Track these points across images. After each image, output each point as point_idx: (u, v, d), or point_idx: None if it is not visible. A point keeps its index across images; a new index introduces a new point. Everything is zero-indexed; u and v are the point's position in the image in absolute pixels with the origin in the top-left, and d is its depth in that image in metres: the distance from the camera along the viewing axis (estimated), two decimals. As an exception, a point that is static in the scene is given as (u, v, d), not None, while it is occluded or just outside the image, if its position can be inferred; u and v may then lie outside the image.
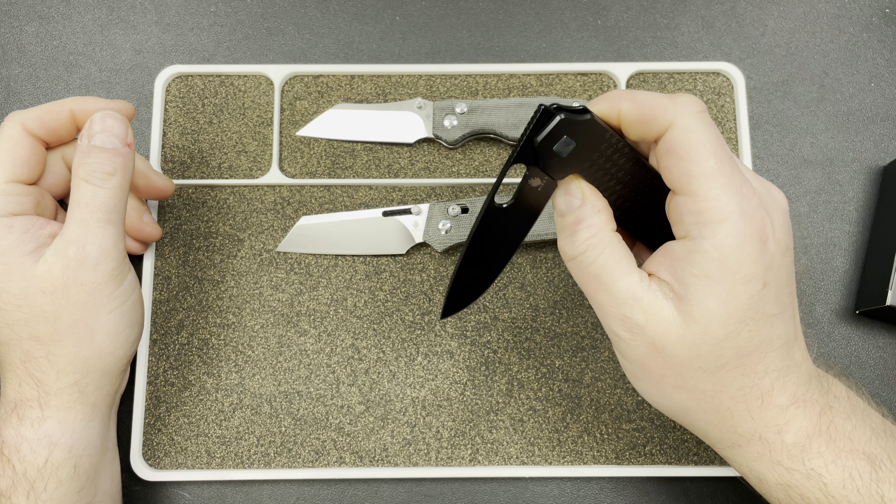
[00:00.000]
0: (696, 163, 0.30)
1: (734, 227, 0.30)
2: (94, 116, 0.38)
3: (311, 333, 0.47)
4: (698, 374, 0.32)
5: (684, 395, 0.33)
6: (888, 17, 0.53)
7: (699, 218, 0.30)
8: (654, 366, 0.33)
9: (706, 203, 0.30)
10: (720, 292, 0.30)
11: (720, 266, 0.30)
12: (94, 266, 0.37)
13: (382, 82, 0.51)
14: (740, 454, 0.35)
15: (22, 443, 0.37)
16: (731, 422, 0.33)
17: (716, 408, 0.33)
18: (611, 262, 0.32)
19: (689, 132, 0.30)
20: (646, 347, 0.32)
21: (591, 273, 0.32)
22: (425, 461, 0.45)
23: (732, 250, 0.30)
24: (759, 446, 0.34)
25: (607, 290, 0.32)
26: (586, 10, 0.53)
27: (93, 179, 0.37)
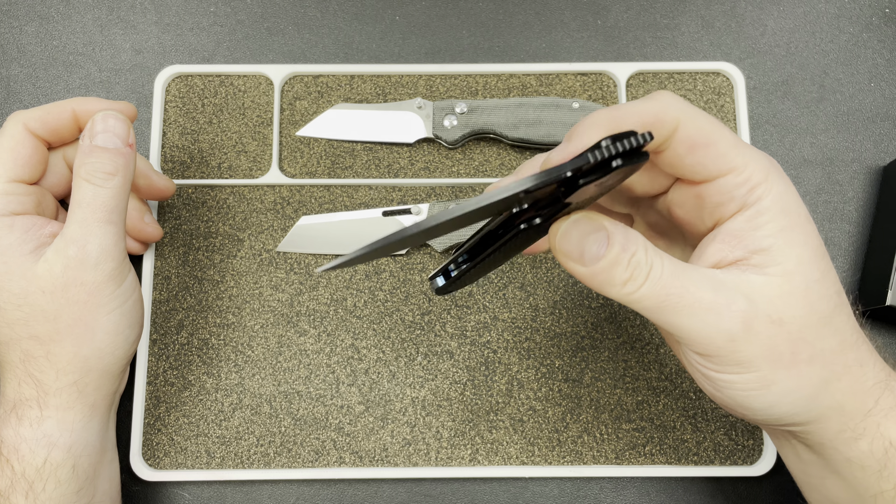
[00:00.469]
0: (720, 142, 0.30)
1: (778, 176, 0.30)
2: (95, 116, 0.38)
3: (310, 333, 0.47)
4: (821, 330, 0.30)
5: (818, 367, 0.30)
6: (888, 17, 0.53)
7: (749, 184, 0.30)
8: (783, 346, 0.30)
9: (748, 169, 0.30)
10: (799, 237, 0.30)
11: (787, 214, 0.30)
12: (95, 266, 0.37)
13: (382, 82, 0.51)
14: (871, 422, 0.31)
15: (21, 443, 0.37)
16: (863, 377, 0.31)
17: (846, 366, 0.31)
18: (678, 265, 0.30)
19: (695, 121, 0.30)
20: (767, 329, 0.29)
21: (667, 281, 0.29)
22: (425, 461, 0.45)
23: (788, 196, 0.30)
24: (888, 397, 0.31)
25: (696, 290, 0.29)
26: (586, 10, 0.53)
27: (94, 179, 0.37)
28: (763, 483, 0.46)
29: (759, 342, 0.29)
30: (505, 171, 0.49)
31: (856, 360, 0.31)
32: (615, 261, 0.29)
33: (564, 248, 0.30)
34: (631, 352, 0.47)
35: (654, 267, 0.29)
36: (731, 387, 0.31)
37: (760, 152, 0.31)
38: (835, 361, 0.31)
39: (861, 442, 0.31)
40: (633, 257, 0.29)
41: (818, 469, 0.34)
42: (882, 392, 0.31)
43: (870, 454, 0.31)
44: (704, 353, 0.30)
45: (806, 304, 0.30)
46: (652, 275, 0.29)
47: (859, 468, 0.32)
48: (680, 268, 0.29)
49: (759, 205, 0.30)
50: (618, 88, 0.50)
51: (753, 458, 0.45)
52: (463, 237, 0.47)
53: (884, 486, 0.32)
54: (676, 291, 0.29)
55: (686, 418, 0.46)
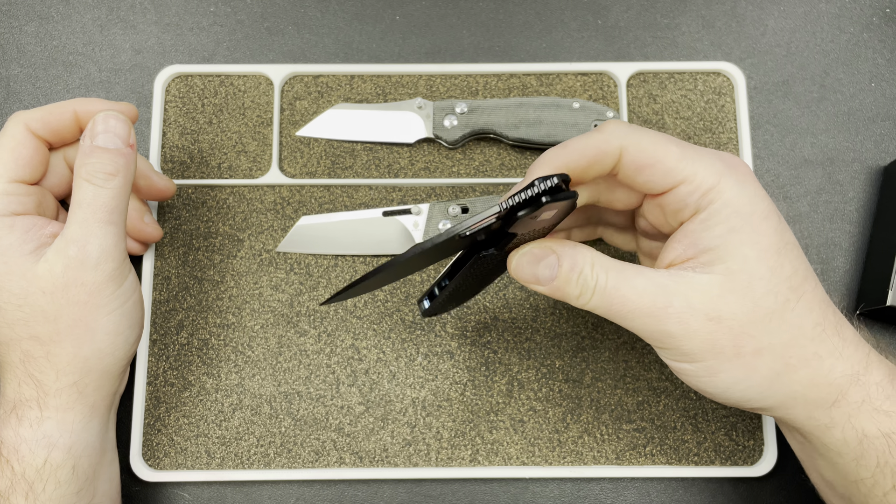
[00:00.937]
0: (665, 159, 0.33)
1: (730, 179, 0.33)
2: (96, 117, 0.38)
3: (310, 334, 0.47)
4: (768, 325, 0.32)
5: (768, 359, 0.32)
6: (888, 16, 0.52)
7: (700, 190, 0.33)
8: (725, 341, 0.32)
9: (697, 177, 0.33)
10: (747, 236, 0.32)
11: (737, 214, 0.32)
12: (95, 266, 0.37)
13: (382, 82, 0.51)
14: (842, 412, 0.33)
15: (21, 443, 0.37)
16: (824, 370, 0.33)
17: (804, 358, 0.33)
18: (621, 275, 0.33)
19: (639, 145, 0.33)
20: (704, 326, 0.32)
21: (610, 292, 0.33)
22: (425, 461, 0.45)
23: (740, 197, 0.33)
24: (858, 391, 0.33)
25: (636, 297, 0.32)
26: (586, 9, 0.53)
27: (95, 179, 0.37)
28: (763, 483, 0.46)
29: (698, 338, 0.32)
30: (505, 171, 0.49)
31: (814, 353, 0.33)
32: (566, 279, 0.33)
33: (521, 276, 0.34)
34: (631, 352, 0.47)
35: (599, 281, 0.33)
36: (684, 373, 0.34)
37: (716, 156, 0.34)
38: (788, 354, 0.33)
39: (834, 431, 0.33)
40: (580, 275, 0.33)
41: (810, 451, 0.36)
42: (850, 385, 0.33)
43: (844, 443, 0.33)
44: (656, 346, 0.34)
45: (748, 301, 0.32)
46: (597, 288, 0.33)
47: (837, 454, 0.34)
48: (623, 278, 0.33)
49: (711, 208, 0.33)
50: (618, 88, 0.50)
51: (754, 459, 0.45)
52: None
53: (862, 473, 0.33)
54: (618, 301, 0.33)
55: (686, 419, 0.46)
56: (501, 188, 0.49)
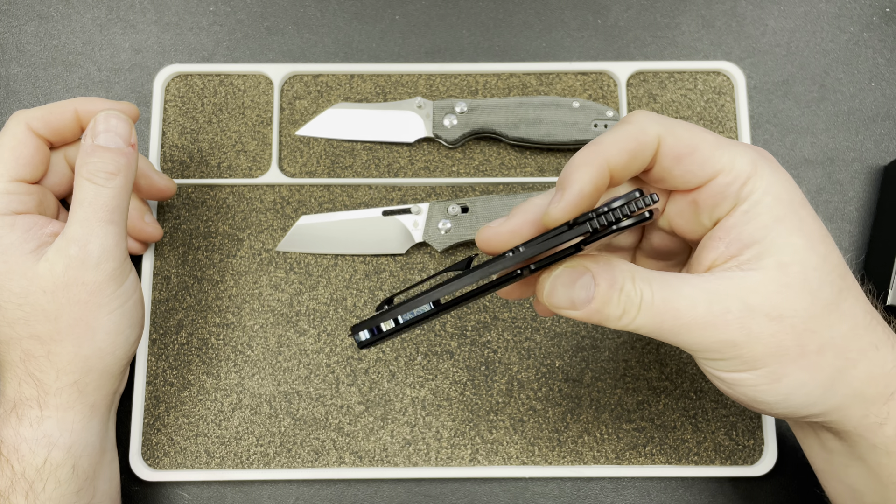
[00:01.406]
0: (702, 147, 0.30)
1: (766, 167, 0.30)
2: (97, 116, 0.38)
3: (310, 333, 0.47)
4: (828, 318, 0.30)
5: (830, 356, 0.30)
6: (888, 16, 0.52)
7: (738, 181, 0.30)
8: (788, 341, 0.29)
9: (735, 167, 0.30)
10: (793, 224, 0.30)
11: (780, 203, 0.30)
12: (96, 265, 0.37)
13: (382, 82, 0.51)
14: (894, 407, 0.31)
15: (21, 442, 0.37)
16: (880, 360, 0.31)
17: (862, 351, 0.30)
18: (666, 286, 0.30)
19: (675, 133, 0.30)
20: (767, 328, 0.29)
21: (659, 307, 0.29)
22: (425, 461, 0.45)
23: (779, 185, 0.30)
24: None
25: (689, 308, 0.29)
26: (586, 9, 0.53)
27: (96, 179, 0.37)
28: (763, 483, 0.46)
29: (761, 342, 0.29)
30: (505, 170, 0.49)
31: (871, 344, 0.31)
32: (606, 300, 0.29)
33: (555, 303, 0.30)
34: (631, 352, 0.47)
35: (644, 296, 0.29)
36: (741, 384, 0.31)
37: (746, 146, 0.31)
38: (848, 348, 0.30)
39: (886, 427, 0.31)
40: (621, 292, 0.29)
41: (843, 457, 0.34)
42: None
43: (894, 439, 0.31)
44: (711, 358, 0.30)
45: (807, 295, 0.30)
46: (643, 305, 0.29)
47: (885, 454, 0.32)
48: (670, 288, 0.30)
49: (752, 199, 0.30)
50: (618, 88, 0.50)
51: (754, 458, 0.45)
52: (462, 237, 0.47)
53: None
54: (670, 316, 0.29)
55: (686, 418, 0.46)
56: (501, 188, 0.49)
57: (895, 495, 0.32)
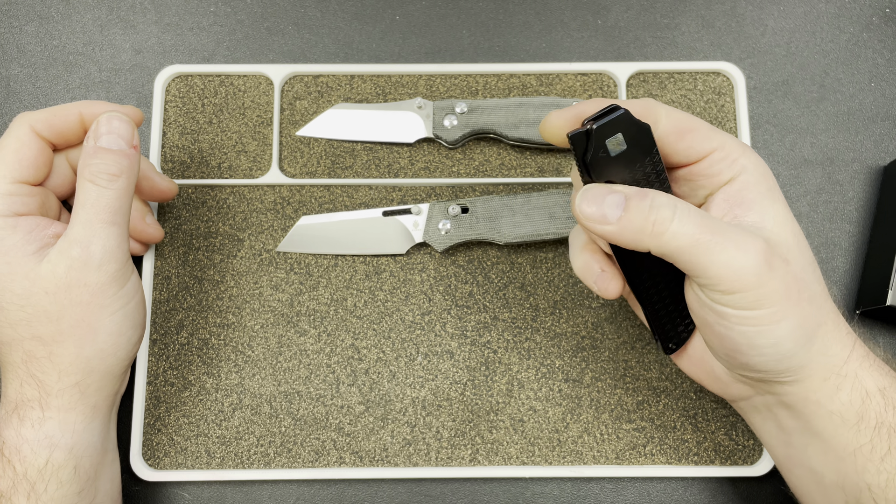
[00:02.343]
0: (701, 127, 0.35)
1: (750, 151, 0.35)
2: (100, 118, 0.38)
3: (311, 333, 0.47)
4: (812, 274, 0.34)
5: (815, 309, 0.34)
6: (888, 16, 0.53)
7: (731, 157, 0.34)
8: (792, 284, 0.33)
9: (727, 146, 0.35)
10: (776, 197, 0.35)
11: (766, 178, 0.35)
12: (98, 267, 0.37)
13: (382, 82, 0.51)
14: (851, 369, 0.34)
15: (22, 444, 0.37)
16: (841, 322, 0.35)
17: (830, 310, 0.35)
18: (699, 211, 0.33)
19: (676, 114, 0.35)
20: (781, 267, 0.32)
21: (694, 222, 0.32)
22: (425, 461, 0.45)
23: (762, 166, 0.35)
24: (860, 345, 0.35)
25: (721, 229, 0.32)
26: (586, 9, 0.53)
27: (98, 180, 0.37)
28: (763, 483, 0.46)
29: (777, 278, 0.32)
30: (505, 170, 0.49)
31: (832, 309, 0.35)
32: (639, 209, 0.32)
33: (587, 213, 0.33)
34: (631, 352, 0.47)
35: (679, 206, 0.32)
36: (744, 322, 0.33)
37: (729, 135, 0.36)
38: (822, 305, 0.34)
39: (842, 393, 0.34)
40: (653, 202, 0.32)
41: (800, 436, 0.36)
42: (855, 339, 0.35)
43: (849, 405, 0.34)
44: (730, 289, 0.32)
45: (800, 249, 0.34)
46: (679, 213, 0.32)
47: (840, 421, 0.34)
48: (700, 212, 0.33)
49: (745, 173, 0.34)
50: (618, 88, 0.50)
51: (753, 458, 0.45)
52: (462, 237, 0.47)
53: (861, 439, 0.34)
54: (709, 227, 0.32)
55: (686, 418, 0.46)
56: (501, 188, 0.49)
57: (851, 467, 0.34)
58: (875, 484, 0.33)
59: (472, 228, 0.47)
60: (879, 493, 0.33)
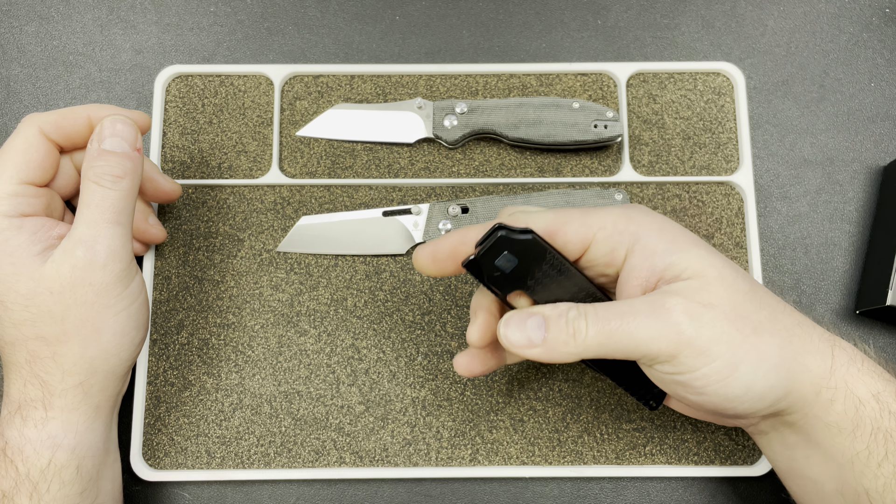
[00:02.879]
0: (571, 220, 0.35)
1: (637, 211, 0.36)
2: (104, 121, 0.39)
3: (311, 333, 0.47)
4: (749, 305, 0.33)
5: (767, 336, 0.33)
6: (888, 17, 0.53)
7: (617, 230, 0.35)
8: (725, 325, 0.32)
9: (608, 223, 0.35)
10: (687, 240, 0.35)
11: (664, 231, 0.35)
12: (103, 267, 0.37)
13: (382, 82, 0.51)
14: (838, 379, 0.34)
15: (25, 444, 0.37)
16: (809, 336, 0.34)
17: (788, 329, 0.34)
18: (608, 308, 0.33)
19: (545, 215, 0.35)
20: (704, 313, 0.32)
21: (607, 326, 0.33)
22: (425, 461, 0.45)
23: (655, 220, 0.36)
24: (840, 352, 0.34)
25: (633, 318, 0.33)
26: (586, 10, 0.53)
27: (103, 182, 0.37)
28: (763, 483, 0.46)
29: (706, 325, 0.32)
30: (505, 171, 0.49)
31: (794, 322, 0.35)
32: (557, 326, 0.33)
33: (513, 340, 0.34)
34: (631, 352, 0.47)
35: (589, 313, 0.33)
36: (707, 381, 0.33)
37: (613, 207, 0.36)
38: (776, 328, 0.34)
39: (836, 404, 0.34)
40: (567, 315, 0.33)
41: (803, 449, 0.36)
42: (832, 346, 0.35)
43: (844, 415, 0.34)
44: (668, 357, 0.33)
45: (726, 287, 0.33)
46: (590, 319, 0.33)
47: (837, 432, 0.34)
48: (611, 305, 0.33)
49: (641, 239, 0.34)
50: (618, 88, 0.50)
51: (753, 458, 0.45)
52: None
53: (857, 446, 0.34)
54: (616, 320, 0.33)
55: (686, 418, 0.46)
56: (501, 188, 0.49)
57: (849, 474, 0.34)
58: (873, 489, 0.33)
59: (472, 228, 0.46)
60: (877, 497, 0.33)
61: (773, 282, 0.48)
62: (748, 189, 0.49)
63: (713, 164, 0.49)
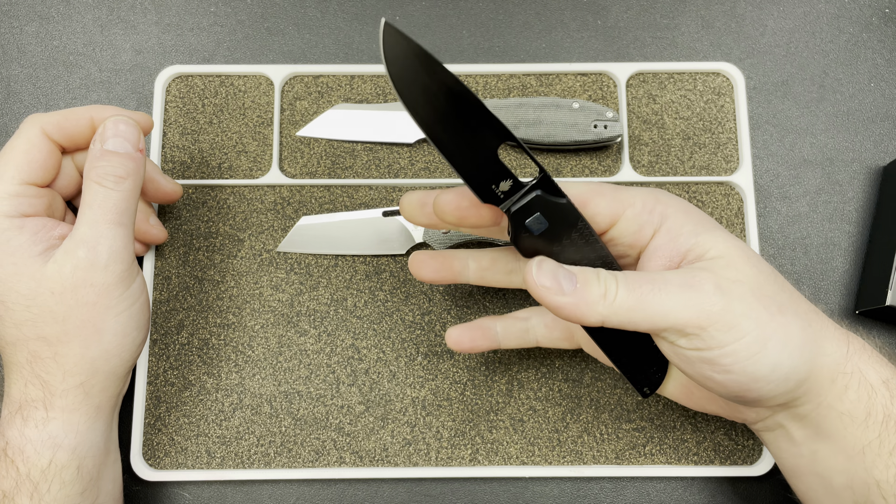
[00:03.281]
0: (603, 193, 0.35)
1: (665, 195, 0.36)
2: (106, 122, 0.39)
3: (311, 333, 0.47)
4: (772, 286, 0.34)
5: (790, 316, 0.33)
6: (888, 17, 0.53)
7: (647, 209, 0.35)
8: (753, 301, 0.32)
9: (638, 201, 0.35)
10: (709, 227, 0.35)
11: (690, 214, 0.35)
12: (105, 267, 0.37)
13: (382, 82, 0.51)
14: (853, 365, 0.34)
15: (26, 444, 0.37)
16: (824, 319, 0.35)
17: (808, 312, 0.34)
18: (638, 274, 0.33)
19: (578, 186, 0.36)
20: (733, 288, 0.32)
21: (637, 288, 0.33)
22: (425, 461, 0.45)
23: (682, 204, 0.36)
24: (854, 339, 0.35)
25: (665, 285, 0.33)
26: (586, 10, 0.53)
27: (105, 182, 0.37)
28: (762, 483, 0.46)
29: (735, 300, 0.32)
30: (505, 171, 0.49)
31: (809, 308, 0.35)
32: (588, 280, 0.33)
33: (545, 283, 0.33)
34: (631, 352, 0.47)
35: (619, 277, 0.33)
36: (735, 358, 0.32)
37: (642, 188, 0.36)
38: (798, 310, 0.34)
39: (850, 391, 0.34)
40: (599, 276, 0.33)
41: (810, 444, 0.36)
42: (847, 333, 0.35)
43: (857, 402, 0.34)
44: (697, 329, 0.32)
45: (751, 266, 0.34)
46: (621, 281, 0.33)
47: (850, 421, 0.34)
48: (640, 273, 0.33)
49: (667, 220, 0.35)
50: (618, 88, 0.50)
51: (753, 458, 0.45)
52: (463, 237, 0.47)
53: (869, 435, 0.34)
54: (648, 285, 0.32)
55: (686, 418, 0.46)
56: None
57: (860, 466, 0.34)
58: (884, 480, 0.33)
59: (472, 228, 0.47)
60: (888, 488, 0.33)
61: (772, 282, 0.48)
62: (748, 189, 0.49)
63: (713, 164, 0.49)
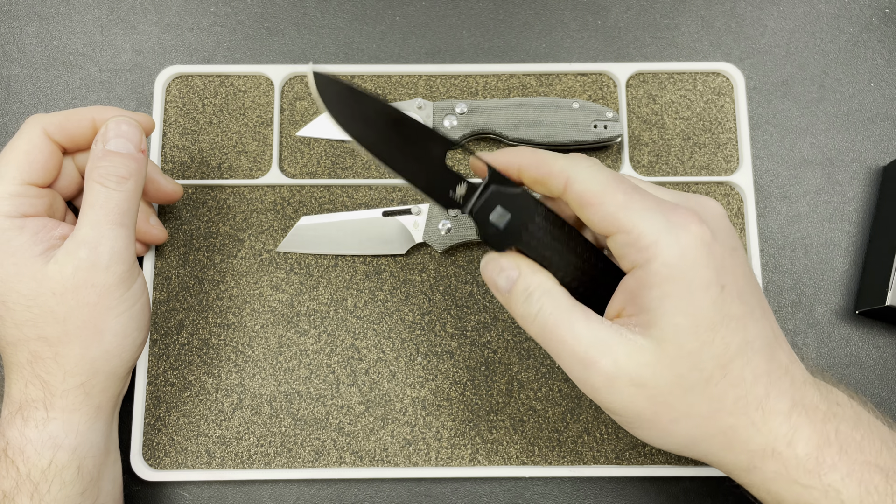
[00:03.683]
0: (607, 204, 0.32)
1: (671, 239, 0.31)
2: (109, 122, 0.39)
3: (311, 333, 0.47)
4: (689, 398, 0.32)
5: (685, 426, 0.32)
6: (888, 17, 0.53)
7: (637, 245, 0.31)
8: (644, 406, 0.32)
9: (635, 231, 0.31)
10: (681, 304, 0.31)
11: (672, 280, 0.31)
12: (106, 268, 0.37)
13: (382, 82, 0.51)
14: (758, 477, 0.33)
15: (26, 444, 0.37)
16: (739, 440, 0.32)
17: (720, 429, 0.32)
18: (565, 314, 0.33)
19: (585, 183, 0.32)
20: (627, 389, 0.32)
21: (550, 327, 0.33)
22: (425, 461, 0.45)
23: (678, 261, 0.31)
24: (775, 463, 0.32)
25: (571, 340, 0.32)
26: (586, 10, 0.53)
27: (107, 182, 0.37)
28: (763, 483, 0.46)
29: (619, 398, 0.32)
30: (505, 171, 0.49)
31: (731, 426, 0.32)
32: (515, 297, 0.34)
33: (485, 276, 0.35)
34: (631, 352, 0.47)
35: (542, 310, 0.33)
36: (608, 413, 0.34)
37: (670, 209, 0.32)
38: (705, 424, 0.32)
39: (752, 489, 0.34)
40: (527, 298, 0.33)
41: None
42: (766, 457, 0.32)
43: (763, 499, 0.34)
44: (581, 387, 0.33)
45: (672, 374, 0.31)
46: (538, 318, 0.33)
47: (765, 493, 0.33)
48: (566, 318, 0.33)
49: (648, 267, 0.31)
50: (618, 88, 0.50)
51: (753, 458, 0.45)
52: (462, 237, 0.47)
53: None
54: (554, 340, 0.33)
55: (686, 418, 0.46)
56: (501, 188, 0.49)
57: None
58: None
59: (471, 229, 0.47)
60: None
61: (772, 282, 0.48)
62: (748, 189, 0.49)
63: (713, 164, 0.49)
